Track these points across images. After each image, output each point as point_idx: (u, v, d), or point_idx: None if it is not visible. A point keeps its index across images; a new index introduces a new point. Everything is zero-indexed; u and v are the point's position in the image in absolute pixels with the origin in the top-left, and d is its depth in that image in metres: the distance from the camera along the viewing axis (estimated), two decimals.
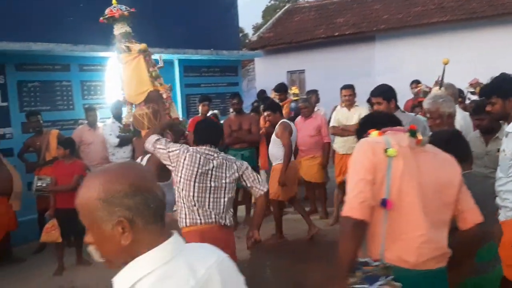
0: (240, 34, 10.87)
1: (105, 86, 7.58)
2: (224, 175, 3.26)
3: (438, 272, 2.00)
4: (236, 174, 3.31)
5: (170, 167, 3.26)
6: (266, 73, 13.47)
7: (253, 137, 6.55)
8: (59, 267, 5.26)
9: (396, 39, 12.36)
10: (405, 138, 2.05)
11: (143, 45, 4.15)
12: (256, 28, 27.17)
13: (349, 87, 6.29)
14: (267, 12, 28.77)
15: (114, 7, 4.11)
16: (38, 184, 5.75)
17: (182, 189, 3.19)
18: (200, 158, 3.22)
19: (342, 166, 6.28)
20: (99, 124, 6.93)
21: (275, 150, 5.80)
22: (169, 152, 3.23)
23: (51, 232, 5.17)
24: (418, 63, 11.11)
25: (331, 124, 6.41)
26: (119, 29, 4.10)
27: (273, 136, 5.87)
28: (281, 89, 7.69)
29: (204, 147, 3.31)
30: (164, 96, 4.08)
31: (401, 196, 1.94)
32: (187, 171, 3.17)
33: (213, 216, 3.18)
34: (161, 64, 4.31)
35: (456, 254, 2.03)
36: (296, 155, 6.83)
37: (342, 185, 6.51)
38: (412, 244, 1.95)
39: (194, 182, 3.17)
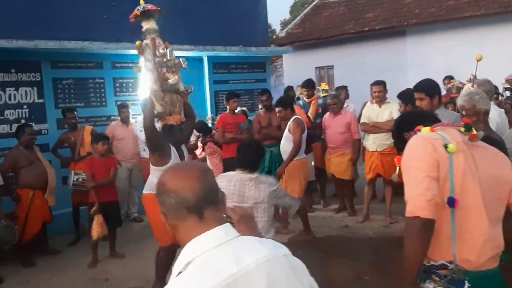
0: (268, 30, 10.83)
1: (136, 83, 7.70)
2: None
3: (495, 272, 1.94)
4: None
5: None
6: (294, 69, 13.42)
7: (282, 133, 6.53)
8: (93, 260, 5.40)
9: (427, 33, 12.11)
10: (457, 133, 1.98)
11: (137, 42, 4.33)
12: (284, 24, 27.06)
13: (380, 83, 6.20)
14: (295, 8, 28.61)
15: (141, 6, 4.21)
16: (74, 179, 5.92)
17: None
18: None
19: (372, 163, 6.22)
20: (132, 121, 7.07)
21: (288, 146, 5.75)
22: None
23: (101, 227, 5.28)
24: (449, 58, 10.87)
25: (362, 120, 6.34)
26: (145, 25, 4.18)
27: (286, 132, 5.86)
28: (309, 85, 7.62)
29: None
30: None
31: (464, 193, 1.86)
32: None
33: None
34: (184, 65, 4.33)
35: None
36: (325, 152, 6.81)
37: (372, 182, 6.46)
38: (476, 243, 1.87)
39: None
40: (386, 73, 9.85)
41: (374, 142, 6.17)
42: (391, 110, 6.06)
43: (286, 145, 5.83)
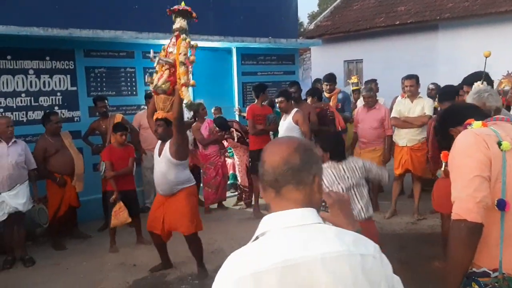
0: (298, 22, 10.75)
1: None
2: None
3: None
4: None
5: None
6: (323, 62, 13.31)
7: (312, 125, 6.50)
8: (111, 246, 5.54)
9: (460, 28, 11.80)
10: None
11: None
12: (312, 16, 26.84)
13: (412, 77, 6.09)
14: (324, 0, 28.31)
15: (182, 6, 4.30)
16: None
17: None
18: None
19: (402, 158, 6.13)
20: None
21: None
22: None
23: (120, 214, 5.41)
24: (482, 53, 10.55)
25: (392, 115, 6.25)
26: (179, 23, 4.25)
27: (288, 124, 5.88)
28: (330, 79, 7.51)
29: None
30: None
31: None
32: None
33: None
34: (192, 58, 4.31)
35: None
36: (354, 146, 6.75)
37: (400, 178, 6.37)
38: None
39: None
40: (416, 68, 9.64)
41: (405, 137, 6.08)
42: (423, 105, 5.95)
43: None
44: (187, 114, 7.13)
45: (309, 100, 6.77)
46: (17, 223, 5.24)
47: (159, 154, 4.50)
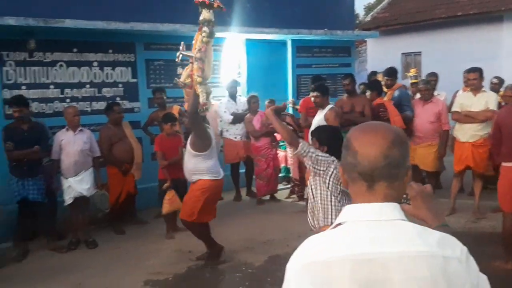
0: (354, 14, 10.53)
1: (221, 65, 7.90)
2: None
3: None
4: None
5: (319, 170, 3.37)
6: (379, 54, 12.99)
7: (366, 119, 6.37)
8: (167, 231, 5.76)
9: None
10: None
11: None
12: (368, 8, 26.19)
13: (476, 70, 5.82)
14: None
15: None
16: None
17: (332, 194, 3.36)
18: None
19: (462, 154, 5.90)
20: (214, 102, 7.27)
21: None
22: (317, 156, 3.35)
23: (172, 201, 5.60)
24: None
25: (453, 109, 6.02)
26: (205, 15, 4.23)
27: (320, 120, 5.71)
28: (392, 73, 7.11)
29: None
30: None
31: None
32: (333, 185, 3.36)
33: None
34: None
35: None
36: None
37: (460, 175, 6.14)
38: None
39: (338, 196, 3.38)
40: (479, 61, 9.17)
41: (466, 133, 5.84)
42: (487, 100, 5.69)
43: None
44: (241, 107, 7.24)
45: (367, 94, 6.62)
46: (81, 207, 5.55)
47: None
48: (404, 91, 6.81)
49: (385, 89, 7.00)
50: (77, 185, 5.45)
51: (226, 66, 7.90)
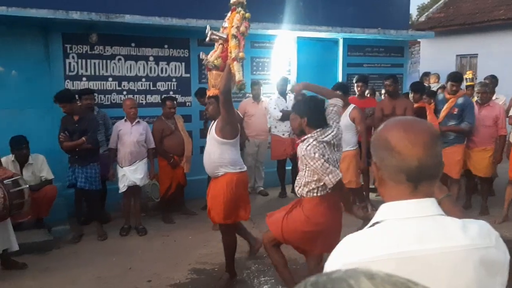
0: (409, 13, 10.30)
1: (271, 62, 7.97)
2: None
3: None
4: None
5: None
6: (433, 56, 12.64)
7: None
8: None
9: None
10: None
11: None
12: (422, 8, 25.50)
13: None
14: None
15: None
16: None
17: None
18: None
19: None
20: (263, 98, 7.35)
21: (347, 135, 5.50)
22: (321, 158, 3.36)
23: None
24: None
25: (511, 113, 5.79)
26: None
27: (343, 121, 5.54)
28: (457, 79, 6.16)
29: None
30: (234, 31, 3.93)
31: None
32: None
33: None
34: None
35: None
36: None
37: None
38: None
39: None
40: None
41: None
42: None
43: (344, 135, 5.61)
44: (291, 104, 7.26)
45: (411, 96, 6.46)
46: (134, 195, 5.78)
47: (209, 133, 4.22)
48: (468, 98, 6.18)
49: (447, 96, 6.18)
50: (131, 174, 5.68)
51: (276, 64, 7.96)
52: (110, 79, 6.70)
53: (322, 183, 3.39)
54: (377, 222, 1.17)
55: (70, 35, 6.38)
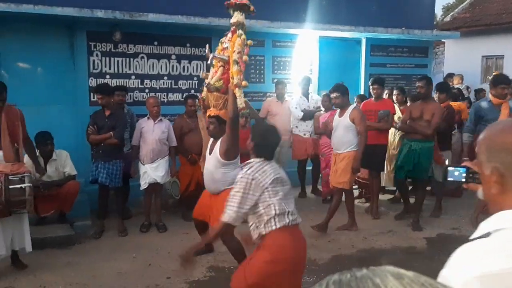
0: (434, 13, 10.13)
1: (293, 62, 7.94)
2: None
3: None
4: None
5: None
6: (457, 56, 12.42)
7: (425, 129, 5.78)
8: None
9: None
10: None
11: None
12: (447, 8, 25.07)
13: None
14: None
15: None
16: None
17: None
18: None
19: None
20: (286, 98, 7.31)
21: (348, 136, 5.46)
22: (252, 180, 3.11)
23: None
24: None
25: None
26: (236, 17, 3.97)
27: (343, 121, 5.53)
28: (504, 81, 5.58)
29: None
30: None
31: None
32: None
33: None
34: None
35: None
36: None
37: None
38: None
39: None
40: None
41: None
42: None
43: (345, 135, 5.56)
44: (313, 104, 7.22)
45: (436, 96, 6.31)
46: (155, 193, 5.82)
47: (210, 152, 4.30)
48: None
49: (495, 100, 5.48)
50: (152, 171, 5.72)
51: (297, 63, 7.92)
52: (133, 77, 6.77)
53: (273, 214, 3.06)
54: (495, 231, 1.08)
55: (94, 33, 6.47)
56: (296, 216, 3.20)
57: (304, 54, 7.97)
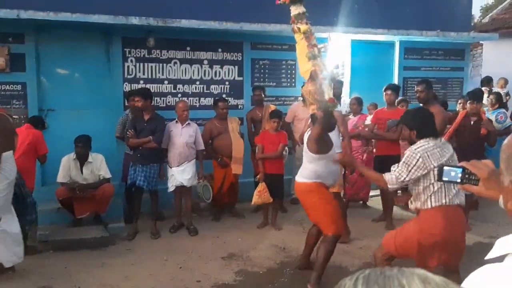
0: (471, 14, 9.85)
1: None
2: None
3: None
4: None
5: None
6: (496, 59, 11.99)
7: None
8: (263, 222, 6.02)
9: None
10: None
11: (304, 27, 4.18)
12: (485, 9, 24.31)
13: None
14: None
15: None
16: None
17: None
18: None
19: None
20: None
21: (334, 137, 5.23)
22: (410, 172, 3.38)
23: (263, 194, 5.78)
24: None
25: None
26: (294, 11, 4.17)
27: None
28: None
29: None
30: (318, 75, 4.06)
31: None
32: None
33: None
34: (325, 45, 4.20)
35: None
36: None
37: None
38: None
39: None
40: None
41: None
42: None
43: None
44: (345, 108, 7.14)
45: (459, 105, 6.08)
46: (185, 195, 5.90)
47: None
48: None
49: None
50: (179, 175, 5.78)
51: (329, 67, 7.84)
52: (166, 82, 6.89)
53: (431, 193, 3.37)
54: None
55: (129, 39, 6.63)
56: (453, 197, 3.38)
57: (335, 58, 7.89)
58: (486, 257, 1.02)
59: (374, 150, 6.65)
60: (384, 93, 6.22)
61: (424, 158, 3.31)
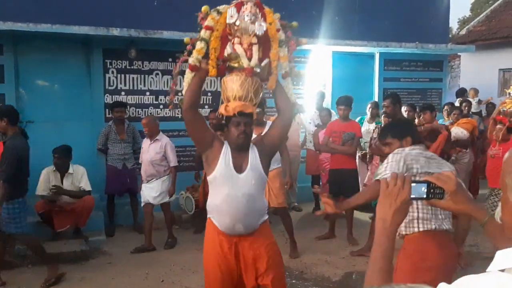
0: (448, 26, 10.09)
1: (306, 77, 7.93)
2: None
3: None
4: None
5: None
6: (474, 70, 12.30)
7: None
8: None
9: None
10: None
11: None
12: (463, 22, 24.93)
13: None
14: (477, 4, 26.08)
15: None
16: None
17: None
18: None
19: None
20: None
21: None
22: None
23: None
24: None
25: None
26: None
27: None
28: None
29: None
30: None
31: None
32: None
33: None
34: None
35: None
36: None
37: None
38: None
39: None
40: None
41: None
42: None
43: None
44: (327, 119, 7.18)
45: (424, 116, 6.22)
46: (163, 209, 5.81)
47: (239, 169, 3.31)
48: None
49: None
50: (146, 191, 5.66)
51: (311, 78, 7.92)
52: (148, 93, 6.86)
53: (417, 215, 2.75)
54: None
55: (110, 51, 6.59)
56: (442, 222, 2.79)
57: (317, 69, 7.97)
58: (488, 270, 0.96)
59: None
60: (337, 107, 6.04)
61: (406, 161, 2.77)
